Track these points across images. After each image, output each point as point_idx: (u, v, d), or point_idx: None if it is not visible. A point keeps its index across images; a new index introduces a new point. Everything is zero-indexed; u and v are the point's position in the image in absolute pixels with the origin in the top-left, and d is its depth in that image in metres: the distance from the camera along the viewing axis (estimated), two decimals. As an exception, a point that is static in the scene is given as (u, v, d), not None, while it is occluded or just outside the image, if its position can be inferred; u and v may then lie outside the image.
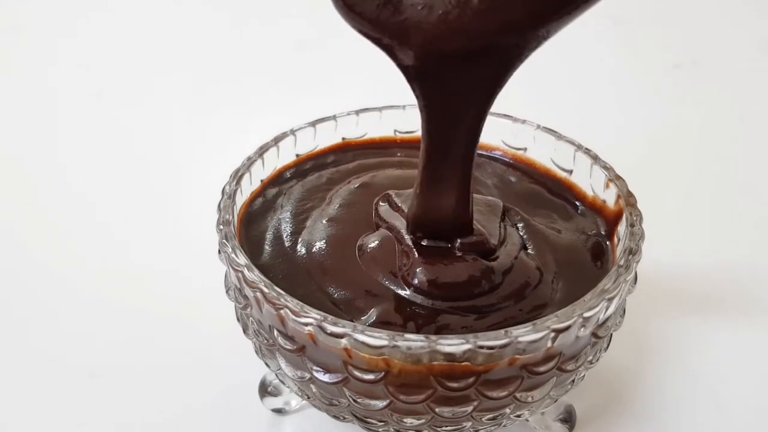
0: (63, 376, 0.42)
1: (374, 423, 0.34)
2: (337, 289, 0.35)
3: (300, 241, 0.37)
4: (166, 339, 0.43)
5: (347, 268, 0.35)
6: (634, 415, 0.40)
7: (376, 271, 0.35)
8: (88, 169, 0.56)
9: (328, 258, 0.36)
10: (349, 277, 0.35)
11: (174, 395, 0.41)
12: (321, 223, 0.37)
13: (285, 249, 0.37)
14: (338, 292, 0.34)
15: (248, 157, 0.39)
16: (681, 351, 0.43)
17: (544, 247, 0.37)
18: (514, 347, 0.31)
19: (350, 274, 0.35)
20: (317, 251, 0.36)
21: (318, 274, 0.35)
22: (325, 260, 0.36)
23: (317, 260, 0.36)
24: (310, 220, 0.38)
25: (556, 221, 0.39)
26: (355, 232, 0.37)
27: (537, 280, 0.35)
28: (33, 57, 0.69)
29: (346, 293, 0.34)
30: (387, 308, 0.33)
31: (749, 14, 0.74)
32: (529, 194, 0.41)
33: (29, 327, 0.45)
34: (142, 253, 0.49)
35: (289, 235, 0.37)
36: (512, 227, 0.37)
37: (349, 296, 0.34)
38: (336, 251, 0.36)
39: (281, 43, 0.71)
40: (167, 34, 0.72)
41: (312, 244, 0.36)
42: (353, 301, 0.34)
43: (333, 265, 0.35)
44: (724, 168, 0.57)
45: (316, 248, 0.36)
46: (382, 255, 0.35)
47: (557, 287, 0.35)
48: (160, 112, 0.62)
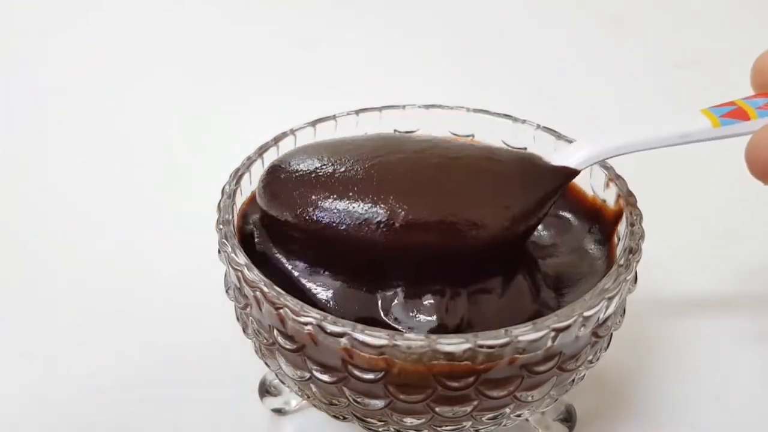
0: (62, 376, 0.42)
1: (374, 423, 0.34)
2: (337, 289, 0.34)
3: (300, 240, 0.37)
4: (166, 338, 0.43)
5: (348, 268, 0.35)
6: (634, 415, 0.40)
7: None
8: (87, 168, 0.56)
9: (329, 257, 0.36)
10: (349, 277, 0.35)
11: (174, 395, 0.41)
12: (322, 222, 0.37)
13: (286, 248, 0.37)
14: (338, 292, 0.34)
15: (248, 157, 0.39)
16: (681, 351, 0.43)
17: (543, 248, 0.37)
18: (514, 346, 0.31)
19: (350, 273, 0.35)
20: (318, 250, 0.36)
21: (318, 274, 0.35)
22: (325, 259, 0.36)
23: (318, 259, 0.36)
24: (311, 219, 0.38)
25: (555, 222, 0.39)
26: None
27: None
28: (32, 57, 0.69)
29: (346, 293, 0.34)
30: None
31: (749, 14, 0.74)
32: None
33: (29, 327, 0.45)
34: (141, 252, 0.49)
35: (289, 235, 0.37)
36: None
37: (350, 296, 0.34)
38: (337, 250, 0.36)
39: (281, 42, 0.71)
40: (167, 33, 0.72)
41: (312, 244, 0.36)
42: (353, 301, 0.34)
43: (333, 264, 0.35)
44: (724, 168, 0.57)
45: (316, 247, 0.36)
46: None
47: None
48: (159, 111, 0.62)
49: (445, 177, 0.35)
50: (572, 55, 0.67)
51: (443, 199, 0.34)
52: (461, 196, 0.34)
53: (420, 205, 0.34)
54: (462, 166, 0.35)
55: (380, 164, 0.35)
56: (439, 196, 0.34)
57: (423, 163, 0.36)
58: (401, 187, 0.34)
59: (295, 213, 0.35)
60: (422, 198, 0.34)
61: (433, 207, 0.34)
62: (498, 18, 0.74)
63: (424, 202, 0.34)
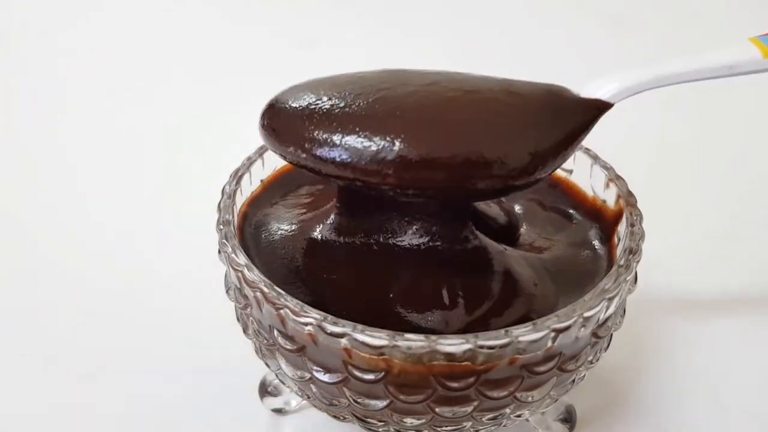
0: (62, 376, 0.42)
1: (374, 423, 0.34)
2: (337, 289, 0.34)
3: (301, 240, 0.37)
4: (166, 339, 0.43)
5: (348, 268, 0.35)
6: (634, 415, 0.40)
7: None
8: (87, 168, 0.56)
9: (329, 257, 0.36)
10: (350, 277, 0.35)
11: (173, 395, 0.41)
12: (322, 222, 0.37)
13: (285, 248, 0.37)
14: (339, 292, 0.34)
15: (248, 157, 0.39)
16: (681, 351, 0.43)
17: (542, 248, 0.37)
18: (515, 347, 0.31)
19: (351, 273, 0.35)
20: (318, 250, 0.36)
21: (319, 274, 0.35)
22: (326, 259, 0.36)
23: (318, 259, 0.36)
24: (311, 219, 0.38)
25: (556, 222, 0.39)
26: None
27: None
28: (32, 57, 0.68)
29: (346, 293, 0.34)
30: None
31: (749, 14, 0.74)
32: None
33: (28, 326, 0.45)
34: (141, 252, 0.49)
35: (289, 235, 0.37)
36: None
37: (350, 296, 0.34)
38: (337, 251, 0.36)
39: (281, 42, 0.71)
40: (167, 33, 0.72)
41: (313, 244, 0.36)
42: (353, 301, 0.34)
43: (333, 264, 0.35)
44: (725, 168, 0.57)
45: (316, 247, 0.36)
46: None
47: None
48: (159, 111, 0.62)
49: (459, 112, 0.32)
50: (572, 55, 0.67)
51: (457, 135, 0.31)
52: (478, 132, 0.31)
53: (430, 142, 0.31)
54: (479, 100, 0.32)
55: (388, 97, 0.32)
56: (453, 131, 0.31)
57: (435, 96, 0.32)
58: (411, 121, 0.32)
59: (297, 149, 0.32)
60: (434, 133, 0.31)
61: (447, 143, 0.31)
62: (498, 18, 0.74)
63: (436, 138, 0.31)
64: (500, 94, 0.33)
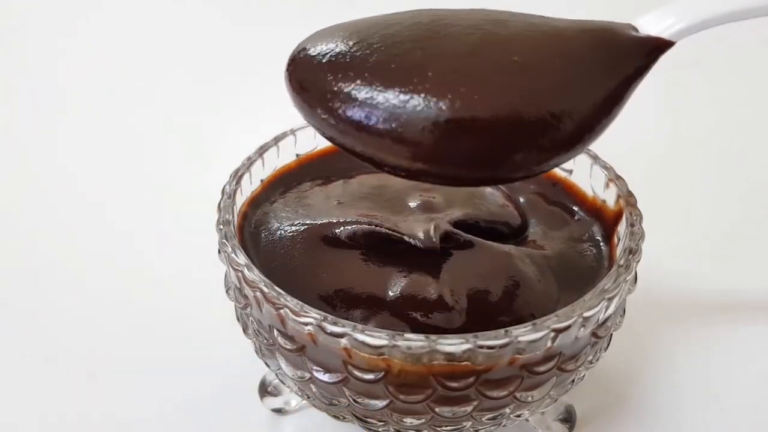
0: (62, 376, 0.42)
1: (374, 423, 0.34)
2: (337, 289, 0.34)
3: (301, 240, 0.37)
4: (166, 339, 0.43)
5: (348, 268, 0.35)
6: (634, 415, 0.40)
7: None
8: (86, 168, 0.56)
9: (329, 257, 0.36)
10: (350, 278, 0.35)
11: (174, 395, 0.41)
12: (322, 222, 0.37)
13: (286, 248, 0.37)
14: (338, 292, 0.34)
15: (248, 157, 0.39)
16: (681, 351, 0.43)
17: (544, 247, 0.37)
18: (514, 347, 0.31)
19: (351, 273, 0.35)
20: (318, 250, 0.36)
21: (319, 274, 0.35)
22: (325, 259, 0.36)
23: (318, 259, 0.36)
24: (311, 219, 0.38)
25: (555, 221, 0.39)
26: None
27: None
28: (31, 57, 0.68)
29: (346, 293, 0.34)
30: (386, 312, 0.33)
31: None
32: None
33: (28, 326, 0.45)
34: (141, 252, 0.49)
35: (289, 235, 0.37)
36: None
37: (350, 297, 0.34)
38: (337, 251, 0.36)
39: (281, 42, 0.71)
40: (167, 33, 0.72)
41: (313, 244, 0.36)
42: (353, 301, 0.34)
43: (333, 264, 0.35)
44: (725, 168, 0.57)
45: (316, 247, 0.36)
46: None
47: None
48: (159, 111, 0.62)
49: (502, 70, 0.28)
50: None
51: (497, 98, 0.28)
52: (530, 81, 0.28)
53: (477, 96, 0.28)
54: (524, 50, 0.29)
55: (429, 44, 0.29)
56: (502, 83, 0.28)
57: (476, 47, 0.29)
58: (455, 71, 0.28)
59: (326, 107, 0.29)
60: (481, 86, 0.28)
61: (492, 100, 0.28)
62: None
63: (483, 92, 0.28)
64: (546, 39, 0.30)
